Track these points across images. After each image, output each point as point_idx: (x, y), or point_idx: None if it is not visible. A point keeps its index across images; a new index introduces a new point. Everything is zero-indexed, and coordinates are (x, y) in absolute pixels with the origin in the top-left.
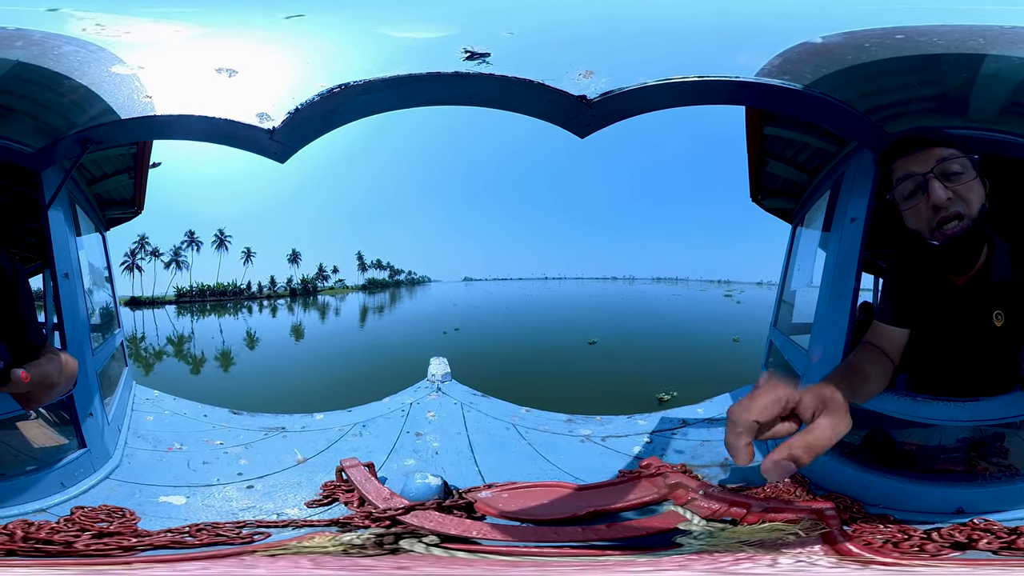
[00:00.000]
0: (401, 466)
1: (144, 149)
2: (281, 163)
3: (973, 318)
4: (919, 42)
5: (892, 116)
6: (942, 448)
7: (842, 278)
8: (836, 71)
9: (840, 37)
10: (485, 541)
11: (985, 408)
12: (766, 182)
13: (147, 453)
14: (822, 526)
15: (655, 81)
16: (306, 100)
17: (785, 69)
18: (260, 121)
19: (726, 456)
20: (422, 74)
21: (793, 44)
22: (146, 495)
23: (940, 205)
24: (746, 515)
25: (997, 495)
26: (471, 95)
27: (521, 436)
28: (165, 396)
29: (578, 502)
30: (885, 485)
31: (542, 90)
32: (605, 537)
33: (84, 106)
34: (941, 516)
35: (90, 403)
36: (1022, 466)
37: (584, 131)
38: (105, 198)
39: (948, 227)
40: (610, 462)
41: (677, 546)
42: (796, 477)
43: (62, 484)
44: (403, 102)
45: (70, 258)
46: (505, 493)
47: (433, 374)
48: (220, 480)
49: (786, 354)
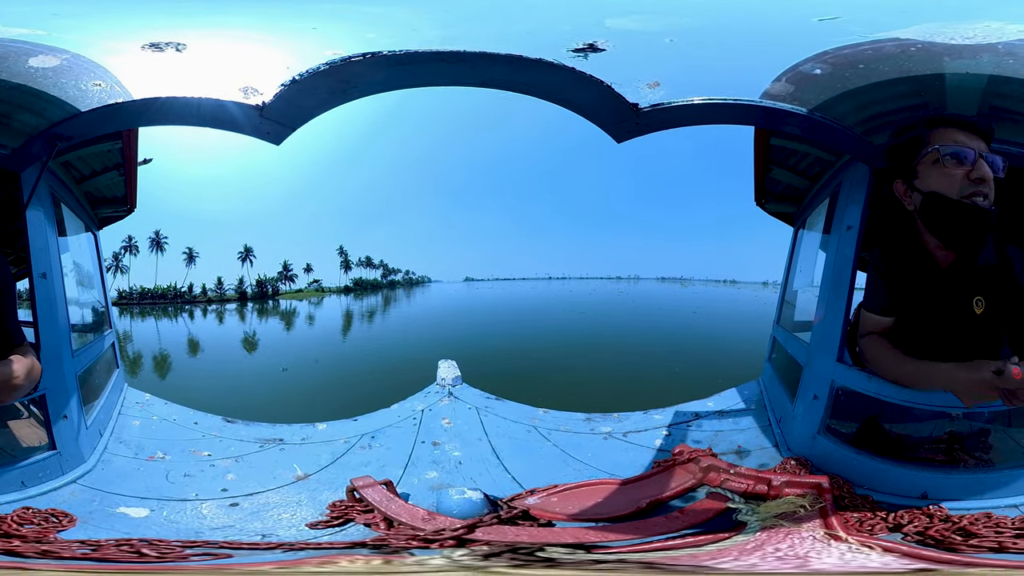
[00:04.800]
0: (423, 480)
1: (130, 144)
2: (276, 144)
3: (954, 303)
4: (908, 57)
5: (881, 127)
6: (929, 438)
7: (839, 279)
8: (833, 96)
9: (837, 58)
10: (611, 544)
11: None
12: (770, 187)
13: (125, 460)
14: (821, 500)
15: (700, 99)
16: (310, 68)
17: (790, 91)
18: (246, 96)
19: (738, 444)
20: (475, 53)
21: (798, 65)
22: (105, 503)
23: (984, 179)
24: (768, 491)
25: (961, 484)
26: (526, 81)
27: (545, 438)
28: (156, 400)
29: (631, 496)
30: (871, 467)
31: (606, 92)
32: (680, 526)
33: (49, 102)
34: (910, 499)
35: (65, 405)
36: (1000, 460)
37: (624, 136)
38: (96, 196)
39: (979, 200)
40: (636, 456)
41: (741, 525)
42: (800, 459)
43: (22, 483)
44: (452, 79)
45: (48, 258)
46: (554, 497)
47: (443, 378)
48: (199, 495)
49: (789, 349)
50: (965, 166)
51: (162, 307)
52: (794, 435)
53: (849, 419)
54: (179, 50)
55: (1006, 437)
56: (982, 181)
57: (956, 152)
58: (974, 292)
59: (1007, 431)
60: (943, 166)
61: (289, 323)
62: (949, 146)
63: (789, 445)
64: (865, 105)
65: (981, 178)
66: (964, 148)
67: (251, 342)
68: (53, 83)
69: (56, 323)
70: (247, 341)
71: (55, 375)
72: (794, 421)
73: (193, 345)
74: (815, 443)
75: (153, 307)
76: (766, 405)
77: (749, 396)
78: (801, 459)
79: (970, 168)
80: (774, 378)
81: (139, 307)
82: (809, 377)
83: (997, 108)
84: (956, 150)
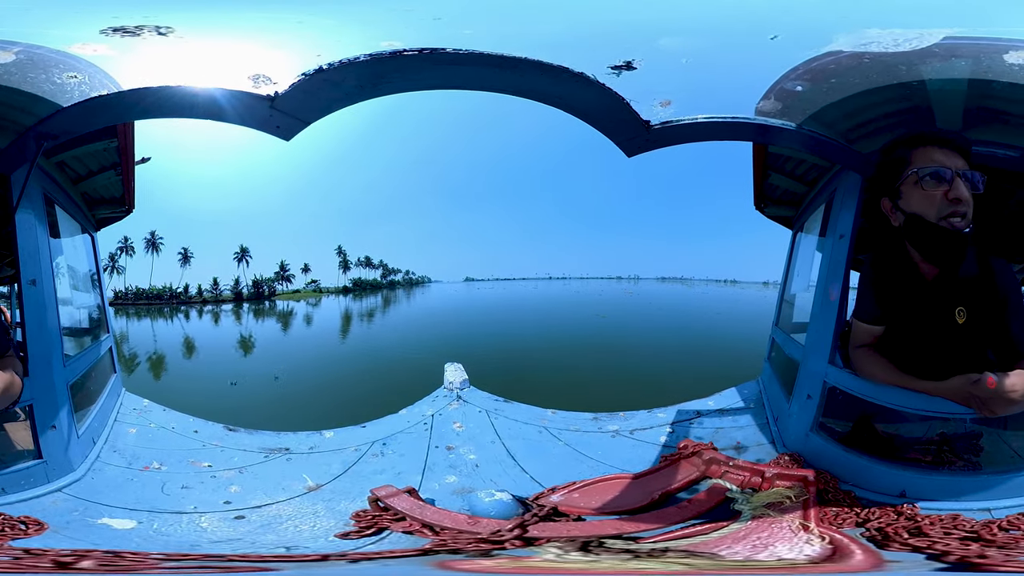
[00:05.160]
0: (444, 484)
1: (126, 143)
2: (286, 140)
3: (937, 313)
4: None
5: (868, 135)
6: (921, 439)
7: (834, 278)
8: (822, 107)
9: (822, 68)
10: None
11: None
12: (768, 192)
13: (118, 470)
14: (806, 492)
15: (703, 118)
16: (342, 59)
17: (778, 108)
18: (255, 86)
19: (737, 440)
20: (511, 57)
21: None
22: (88, 513)
23: (962, 199)
24: (762, 483)
25: (939, 485)
26: (545, 90)
27: (556, 438)
28: (155, 406)
29: (643, 489)
30: (857, 465)
31: (624, 109)
32: (689, 515)
33: (32, 100)
34: (889, 497)
35: (54, 415)
36: (987, 463)
37: (634, 151)
38: (93, 197)
39: (956, 221)
40: (644, 452)
41: (737, 514)
42: (794, 455)
43: (2, 489)
44: (466, 82)
45: (39, 263)
46: (575, 493)
47: (451, 381)
48: (197, 508)
49: (786, 350)
50: (943, 186)
51: (157, 308)
52: (789, 432)
53: (844, 418)
54: (162, 34)
55: (999, 440)
56: (959, 201)
57: (934, 172)
58: (956, 303)
59: (1001, 434)
60: (922, 188)
61: (286, 324)
62: (928, 167)
63: (784, 442)
64: (852, 114)
65: (958, 198)
66: (942, 168)
67: (247, 344)
68: (20, 79)
69: (46, 331)
70: (243, 343)
71: (44, 385)
72: (790, 419)
73: (189, 345)
74: (808, 440)
75: (148, 308)
76: (764, 404)
77: (749, 395)
78: (795, 455)
79: (948, 188)
80: (772, 378)
81: (134, 307)
82: (804, 377)
83: (983, 108)
84: (934, 170)
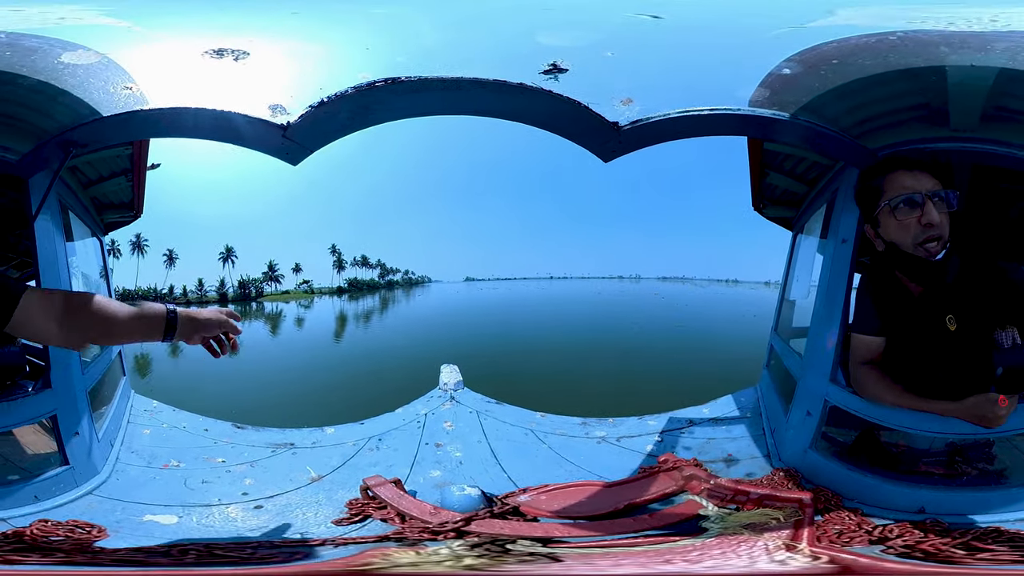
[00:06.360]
0: (428, 478)
1: (141, 150)
2: (293, 165)
3: (929, 324)
4: (900, 53)
5: (874, 130)
6: (926, 452)
7: (834, 293)
8: (820, 95)
9: (822, 58)
10: (571, 539)
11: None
12: (767, 192)
13: (139, 469)
14: (800, 514)
15: (677, 112)
16: (335, 93)
17: (774, 98)
18: (273, 115)
19: (729, 452)
20: (483, 80)
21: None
22: (129, 513)
23: (934, 223)
24: (746, 503)
25: (960, 500)
26: (496, 108)
27: (540, 441)
28: (164, 407)
29: (612, 498)
30: (863, 483)
31: (583, 112)
32: (645, 527)
33: (64, 106)
34: (905, 514)
35: (77, 423)
36: (1010, 474)
37: (609, 156)
38: (103, 201)
39: (931, 246)
40: (627, 461)
41: (702, 530)
42: (789, 471)
43: (36, 497)
44: (450, 107)
45: (57, 272)
46: (543, 495)
47: (445, 382)
48: (222, 500)
49: (785, 361)
50: (916, 211)
51: None
52: (786, 446)
53: (846, 427)
54: (238, 60)
55: (1011, 448)
56: (931, 226)
57: (906, 199)
58: (946, 311)
59: (1012, 441)
60: (895, 217)
61: (274, 327)
62: (899, 195)
63: (781, 456)
64: (857, 106)
65: (930, 223)
66: (913, 193)
67: None
68: (80, 83)
69: None
70: None
71: (66, 394)
72: (787, 433)
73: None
74: (806, 456)
75: None
76: (762, 413)
77: (746, 403)
78: (791, 471)
79: (920, 213)
80: (771, 387)
81: None
82: (802, 393)
83: (1002, 108)
84: (905, 197)
